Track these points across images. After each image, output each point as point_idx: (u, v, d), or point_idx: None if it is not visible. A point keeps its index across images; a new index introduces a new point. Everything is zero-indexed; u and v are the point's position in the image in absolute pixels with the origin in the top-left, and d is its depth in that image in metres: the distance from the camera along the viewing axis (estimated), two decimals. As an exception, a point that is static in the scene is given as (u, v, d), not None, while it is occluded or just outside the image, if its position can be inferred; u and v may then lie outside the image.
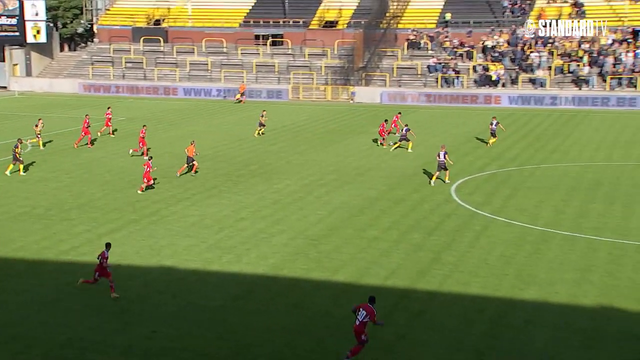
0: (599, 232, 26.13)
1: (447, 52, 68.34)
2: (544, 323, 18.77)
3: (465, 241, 25.44)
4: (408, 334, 18.38)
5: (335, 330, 18.54)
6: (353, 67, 68.62)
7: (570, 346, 17.58)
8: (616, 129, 48.88)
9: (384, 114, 54.12)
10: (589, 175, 35.29)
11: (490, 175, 35.83)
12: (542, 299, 20.30)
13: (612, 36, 64.76)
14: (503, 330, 18.45)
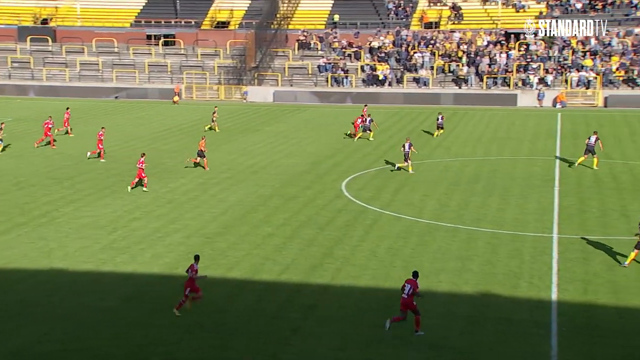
0: (478, 223, 27.10)
1: (336, 52, 69.15)
2: (430, 311, 19.29)
3: (356, 235, 25.85)
4: (302, 327, 18.52)
5: (231, 326, 18.46)
6: (245, 67, 68.36)
7: (453, 333, 18.19)
8: (493, 125, 50.80)
9: (277, 113, 54.29)
10: (469, 170, 36.52)
11: (378, 171, 36.51)
12: (427, 288, 20.85)
13: (488, 38, 67.27)
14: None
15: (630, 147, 41.55)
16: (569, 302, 19.78)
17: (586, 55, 62.76)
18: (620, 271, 21.86)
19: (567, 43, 64.72)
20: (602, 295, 20.14)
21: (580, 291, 20.46)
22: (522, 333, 18.08)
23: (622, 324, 18.49)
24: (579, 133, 46.42)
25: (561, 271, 21.84)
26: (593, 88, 60.37)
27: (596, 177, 34.29)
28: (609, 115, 54.21)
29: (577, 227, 26.45)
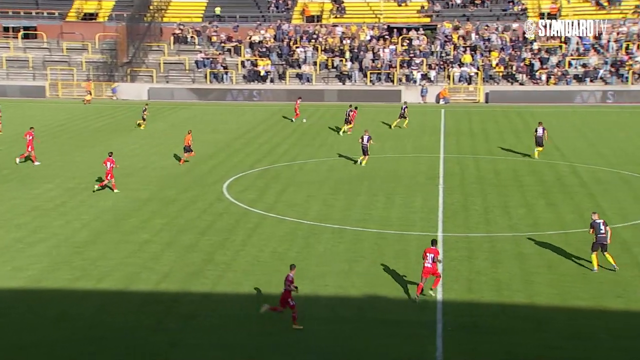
0: (364, 224, 27.63)
1: (215, 47, 68.64)
2: (316, 316, 19.55)
3: (238, 240, 25.78)
4: (181, 339, 18.29)
5: (103, 341, 17.99)
6: (117, 62, 66.72)
7: (340, 337, 18.45)
8: (378, 122, 51.87)
9: (152, 111, 53.24)
10: (354, 169, 37.14)
11: (261, 171, 36.55)
12: (313, 292, 21.10)
13: (371, 32, 68.64)
14: (277, 327, 18.93)
15: (511, 143, 43.42)
16: (454, 301, 20.50)
17: (467, 51, 65.06)
18: (503, 268, 22.85)
19: (448, 38, 66.92)
20: (486, 293, 20.99)
21: (465, 289, 21.25)
22: (409, 334, 18.59)
23: (505, 321, 19.32)
24: (462, 130, 48.16)
25: (446, 270, 22.59)
26: (475, 84, 62.77)
27: (479, 174, 35.67)
28: (491, 111, 56.48)
29: (461, 225, 27.43)
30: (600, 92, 59.93)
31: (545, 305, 20.09)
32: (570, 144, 42.69)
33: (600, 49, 64.04)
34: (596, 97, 59.65)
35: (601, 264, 22.53)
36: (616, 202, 30.23)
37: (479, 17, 69.92)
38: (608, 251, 22.49)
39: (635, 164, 36.82)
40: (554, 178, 34.49)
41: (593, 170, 35.94)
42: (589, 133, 45.97)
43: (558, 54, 63.86)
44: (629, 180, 33.84)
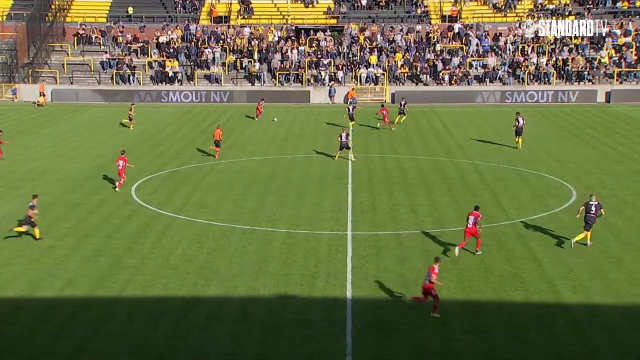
0: (274, 224, 27.62)
1: (121, 47, 67.24)
2: (226, 318, 19.43)
3: (147, 243, 25.36)
4: (88, 345, 17.87)
5: (6, 350, 17.37)
6: (17, 63, 64.47)
7: (250, 338, 18.40)
8: (288, 122, 51.95)
9: (56, 113, 51.75)
10: (264, 169, 37.09)
11: (170, 173, 36.04)
12: (223, 293, 20.97)
13: (278, 33, 68.67)
14: (187, 330, 18.72)
15: (416, 142, 44.25)
16: (363, 298, 20.73)
17: (373, 52, 65.91)
18: (409, 265, 23.24)
19: (355, 39, 67.63)
20: (393, 289, 21.30)
21: (373, 287, 21.52)
22: (319, 333, 18.68)
23: (412, 316, 19.66)
24: (369, 130, 48.74)
25: (355, 268, 22.84)
26: (381, 84, 63.65)
27: (386, 173, 36.19)
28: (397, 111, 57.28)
29: (370, 224, 27.76)
30: (499, 92, 61.77)
31: (449, 299, 20.55)
32: (472, 142, 43.81)
33: (499, 50, 66.03)
34: (495, 97, 61.43)
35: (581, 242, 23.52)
36: (515, 198, 31.19)
37: (384, 18, 70.96)
38: (590, 231, 24.38)
39: (532, 162, 38.10)
40: (457, 176, 35.32)
41: (493, 167, 36.99)
42: (489, 132, 47.31)
43: (459, 55, 65.45)
44: (527, 177, 34.99)
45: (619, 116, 53.38)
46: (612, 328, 18.95)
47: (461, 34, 67.42)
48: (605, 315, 19.73)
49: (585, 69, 62.75)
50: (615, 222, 27.32)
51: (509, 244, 25.15)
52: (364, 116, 52.07)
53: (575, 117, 52.82)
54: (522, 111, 47.83)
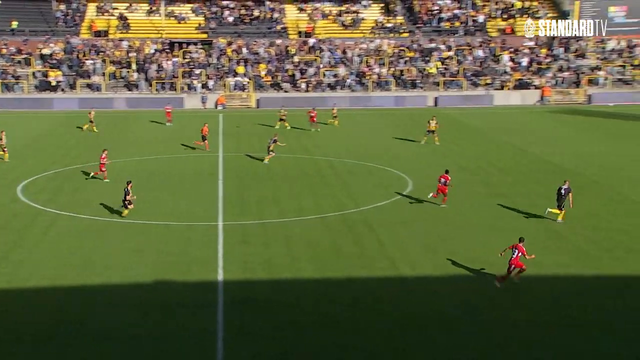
0: (153, 217, 26.95)
1: (5, 59, 63.30)
2: (104, 304, 18.82)
3: (33, 238, 24.10)
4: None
5: None
6: None
7: (127, 322, 17.92)
8: (164, 126, 50.77)
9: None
10: (144, 168, 36.09)
11: (55, 173, 34.37)
12: (103, 283, 20.29)
13: (154, 46, 66.97)
14: (64, 317, 17.95)
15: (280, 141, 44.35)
16: (233, 280, 20.66)
17: (240, 63, 65.66)
18: (274, 251, 23.33)
19: (223, 52, 67.07)
20: (259, 272, 21.37)
21: (242, 270, 21.48)
22: (193, 314, 18.45)
23: (277, 295, 19.78)
24: (238, 131, 48.50)
25: (226, 254, 22.71)
26: (247, 91, 63.44)
27: (254, 170, 36.14)
28: (262, 115, 57.44)
29: (239, 214, 27.64)
30: (348, 98, 63.07)
31: (307, 278, 20.85)
32: (327, 142, 44.49)
33: (347, 62, 67.41)
34: (345, 102, 62.63)
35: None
36: (363, 188, 31.99)
37: (249, 34, 70.68)
38: (561, 209, 25.87)
39: (376, 157, 39.15)
40: (315, 171, 35.80)
41: (345, 163, 37.77)
42: (339, 132, 48.18)
43: (314, 66, 66.28)
44: (372, 170, 35.98)
45: (444, 117, 55.75)
46: (437, 293, 19.81)
47: (315, 48, 68.27)
48: (432, 284, 20.60)
49: (417, 78, 65.18)
50: (439, 207, 28.58)
51: (357, 228, 25.79)
52: (232, 120, 51.61)
53: (410, 119, 54.78)
54: (369, 114, 49.21)
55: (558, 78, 65.01)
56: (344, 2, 73.90)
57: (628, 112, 56.21)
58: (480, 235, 24.68)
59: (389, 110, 60.48)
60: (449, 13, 73.06)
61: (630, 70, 66.20)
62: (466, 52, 68.07)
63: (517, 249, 19.91)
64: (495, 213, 27.58)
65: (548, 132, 47.79)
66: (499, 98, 63.33)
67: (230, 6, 73.17)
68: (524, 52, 68.27)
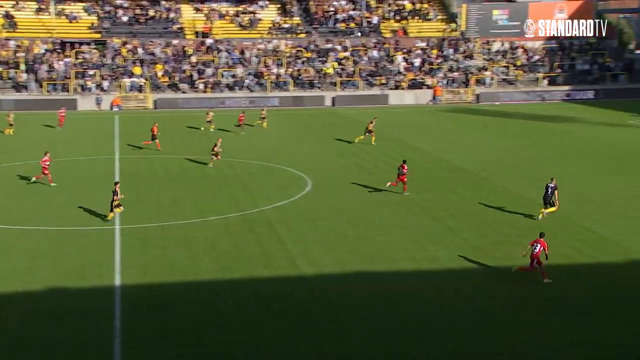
0: (47, 223, 25.93)
1: None
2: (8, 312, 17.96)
3: None
4: None
5: None
6: None
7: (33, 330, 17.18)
8: (49, 128, 48.82)
9: None
10: (36, 172, 34.55)
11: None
12: None
13: (45, 46, 64.22)
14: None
15: (178, 143, 43.71)
16: (131, 285, 20.20)
17: (136, 63, 64.06)
18: (174, 253, 22.98)
19: (118, 52, 65.22)
20: (159, 276, 21.00)
21: (140, 274, 21.04)
22: (89, 320, 17.91)
23: (177, 297, 19.51)
24: (135, 133, 47.35)
25: (124, 258, 22.16)
26: (144, 92, 62.00)
27: (151, 172, 35.41)
28: (160, 116, 56.29)
29: (137, 217, 27.03)
30: (247, 98, 62.88)
31: (208, 279, 20.69)
32: (227, 143, 44.06)
33: (245, 62, 67.18)
34: (244, 102, 62.37)
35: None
36: (263, 188, 32.01)
37: (144, 33, 69.04)
38: (553, 205, 26.47)
39: (276, 157, 39.23)
40: (215, 172, 35.48)
41: (245, 164, 37.65)
42: (231, 132, 47.77)
43: (212, 66, 65.62)
44: (272, 170, 36.08)
45: (342, 117, 56.79)
46: (334, 290, 20.16)
47: (213, 48, 67.60)
48: (333, 281, 20.94)
49: (315, 78, 65.85)
50: (340, 204, 29.06)
51: (258, 228, 25.81)
52: (128, 122, 50.33)
53: (309, 119, 55.29)
54: (268, 115, 49.28)
55: (449, 78, 67.48)
56: (241, 2, 73.57)
57: (512, 111, 59.14)
58: (381, 233, 25.27)
59: (287, 109, 60.79)
60: (345, 14, 74.23)
61: (513, 70, 69.63)
62: (362, 53, 69.40)
63: (540, 244, 20.41)
64: (395, 210, 28.31)
65: (440, 130, 49.55)
66: (393, 97, 65.02)
67: (124, 5, 71.21)
68: (417, 52, 70.39)
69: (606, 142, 43.72)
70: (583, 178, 33.63)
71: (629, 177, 33.80)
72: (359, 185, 32.61)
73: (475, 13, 73.82)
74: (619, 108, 59.23)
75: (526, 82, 68.65)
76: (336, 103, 63.85)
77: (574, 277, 21.09)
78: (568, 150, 41.08)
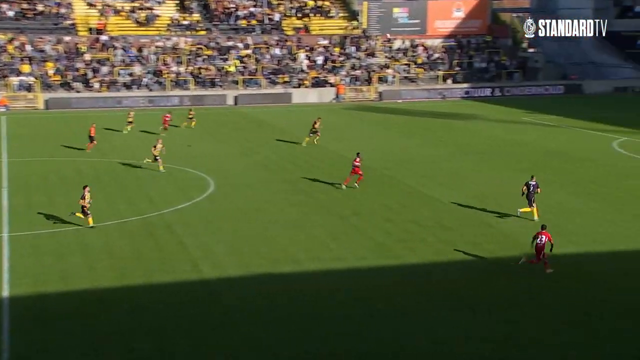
0: None
1: None
2: None
3: None
4: None
5: None
6: None
7: None
8: None
9: None
10: None
11: None
12: None
13: None
14: None
15: (74, 145, 42.19)
16: (21, 296, 19.38)
17: (24, 60, 61.38)
18: (69, 261, 22.24)
19: (4, 49, 62.29)
20: (52, 285, 20.26)
21: (32, 284, 20.22)
22: (-23, 335, 17.09)
23: (74, 307, 18.85)
24: (25, 134, 45.41)
25: (13, 268, 21.22)
26: (34, 91, 59.47)
27: (43, 175, 34.04)
28: (51, 117, 54.26)
29: (27, 224, 25.95)
30: (146, 97, 61.53)
31: (106, 287, 20.14)
32: (126, 143, 43.05)
33: (143, 60, 65.70)
34: (144, 101, 60.98)
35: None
36: (164, 191, 31.40)
37: (33, 29, 66.18)
38: (532, 206, 26.51)
39: (177, 158, 38.48)
40: (111, 175, 34.51)
41: (144, 165, 36.80)
42: (138, 133, 46.80)
43: (108, 64, 63.78)
44: (173, 172, 35.46)
45: (244, 116, 56.58)
46: (238, 293, 20.08)
47: (108, 45, 65.69)
48: (237, 284, 20.85)
49: (217, 77, 65.26)
50: (243, 204, 28.97)
51: (158, 232, 25.35)
52: (17, 123, 48.14)
53: (210, 119, 54.71)
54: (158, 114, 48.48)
55: (351, 76, 68.55)
56: (137, -3, 71.91)
57: (414, 109, 60.79)
58: (285, 233, 25.36)
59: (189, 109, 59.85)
60: (245, 11, 73.97)
61: (414, 68, 71.58)
62: (264, 51, 69.38)
63: (544, 236, 21.00)
64: (298, 210, 28.49)
65: (344, 128, 50.26)
66: (297, 96, 65.36)
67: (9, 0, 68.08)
68: (319, 50, 71.08)
69: (504, 138, 45.72)
70: (483, 174, 35.03)
71: (527, 173, 35.47)
72: (263, 185, 32.62)
73: (376, 11, 75.37)
74: (514, 105, 62.08)
75: (427, 79, 70.74)
76: (239, 102, 63.51)
77: (470, 273, 21.94)
78: (468, 147, 42.66)
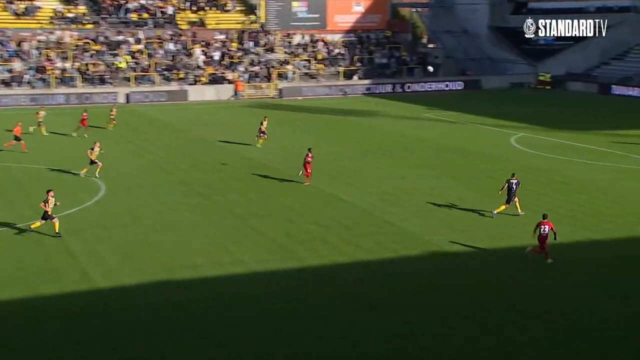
0: None
1: None
2: None
3: None
4: None
5: None
6: None
7: None
8: None
9: None
10: None
11: None
12: None
13: None
14: None
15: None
16: None
17: None
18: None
19: None
20: None
21: None
22: None
23: None
24: None
25: None
26: None
27: None
28: None
29: None
30: (28, 96, 59.01)
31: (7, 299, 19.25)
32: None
33: (24, 55, 62.96)
34: (24, 100, 58.43)
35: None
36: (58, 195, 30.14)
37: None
38: (509, 204, 27.06)
39: (66, 160, 37.13)
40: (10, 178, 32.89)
41: (28, 169, 35.30)
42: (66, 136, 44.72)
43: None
44: (60, 175, 34.15)
45: (138, 115, 55.32)
46: (135, 303, 19.60)
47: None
48: (132, 293, 20.34)
49: (106, 73, 63.41)
50: (136, 208, 28.30)
51: (44, 240, 24.37)
52: None
53: (100, 118, 53.04)
54: (51, 114, 46.66)
55: (250, 72, 68.32)
56: (15, -12, 68.83)
57: (315, 106, 61.32)
58: (182, 238, 24.96)
59: (76, 108, 57.82)
60: (136, 3, 72.31)
61: (315, 64, 72.19)
62: (156, 46, 68.06)
63: (547, 225, 21.84)
64: (195, 213, 28.10)
65: (243, 127, 50.00)
66: (193, 93, 64.50)
67: None
68: (216, 45, 70.43)
69: (405, 135, 46.85)
70: (384, 172, 35.73)
71: (428, 171, 36.47)
72: (157, 187, 31.99)
73: (275, 5, 75.52)
74: (415, 101, 63.79)
75: (327, 76, 71.49)
76: (130, 100, 61.97)
77: (375, 272, 22.35)
78: (370, 144, 43.42)
